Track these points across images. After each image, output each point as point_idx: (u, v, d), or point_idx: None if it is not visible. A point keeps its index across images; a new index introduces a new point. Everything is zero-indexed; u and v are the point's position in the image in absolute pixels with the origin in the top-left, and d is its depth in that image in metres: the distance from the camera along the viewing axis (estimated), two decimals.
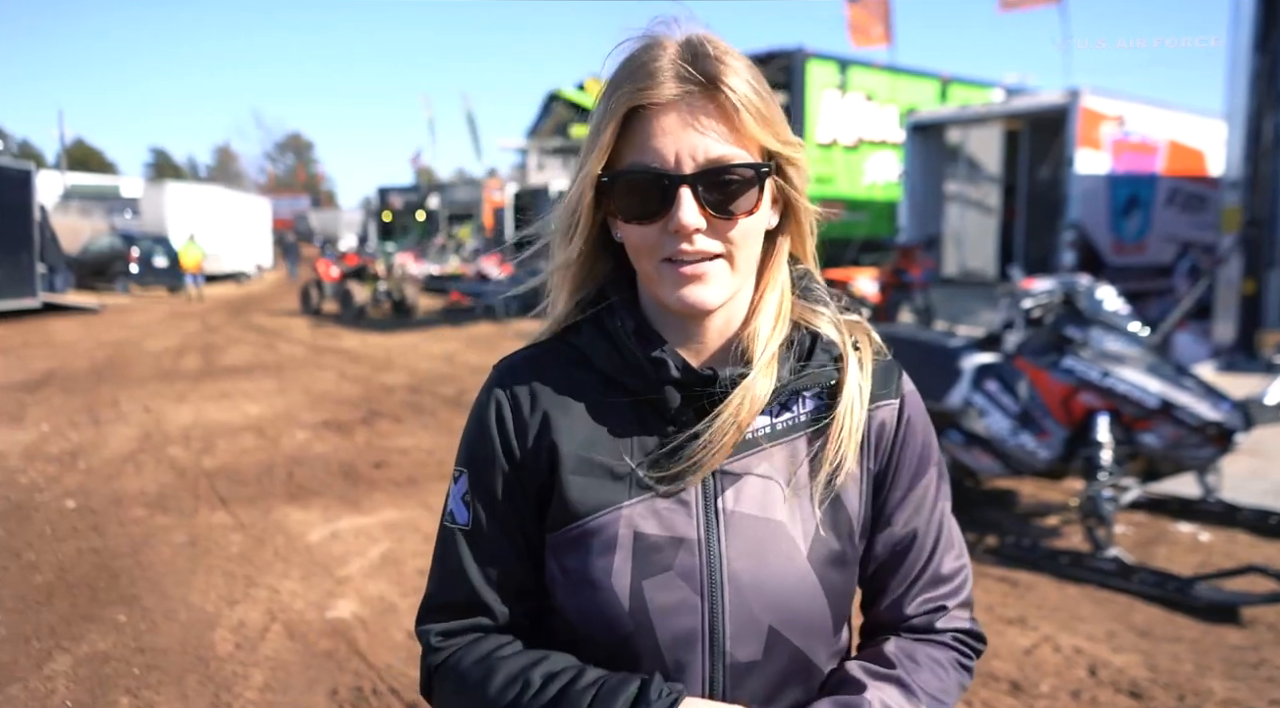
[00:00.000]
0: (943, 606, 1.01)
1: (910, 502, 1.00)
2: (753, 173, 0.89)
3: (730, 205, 0.88)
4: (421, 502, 5.67)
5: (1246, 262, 9.46)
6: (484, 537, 0.97)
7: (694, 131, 0.87)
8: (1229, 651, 3.57)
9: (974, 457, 4.97)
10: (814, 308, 0.99)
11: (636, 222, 0.89)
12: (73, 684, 3.40)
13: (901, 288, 11.95)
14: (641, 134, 0.88)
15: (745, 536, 0.92)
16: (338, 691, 3.37)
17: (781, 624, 0.92)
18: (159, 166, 72.52)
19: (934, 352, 5.41)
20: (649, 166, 0.87)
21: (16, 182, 17.11)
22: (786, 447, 0.96)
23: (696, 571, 0.91)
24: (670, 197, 0.87)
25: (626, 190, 0.89)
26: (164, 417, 8.24)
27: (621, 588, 0.91)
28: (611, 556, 0.92)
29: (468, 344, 13.49)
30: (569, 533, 0.94)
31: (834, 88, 15.44)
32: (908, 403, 1.02)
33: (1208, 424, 4.44)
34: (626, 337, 0.94)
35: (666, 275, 0.90)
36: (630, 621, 0.90)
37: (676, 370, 0.92)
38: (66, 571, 4.54)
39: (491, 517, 0.97)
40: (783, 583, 0.92)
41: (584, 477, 0.94)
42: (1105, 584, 4.21)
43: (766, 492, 0.94)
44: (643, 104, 0.87)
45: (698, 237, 0.88)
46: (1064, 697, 3.26)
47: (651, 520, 0.92)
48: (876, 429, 0.99)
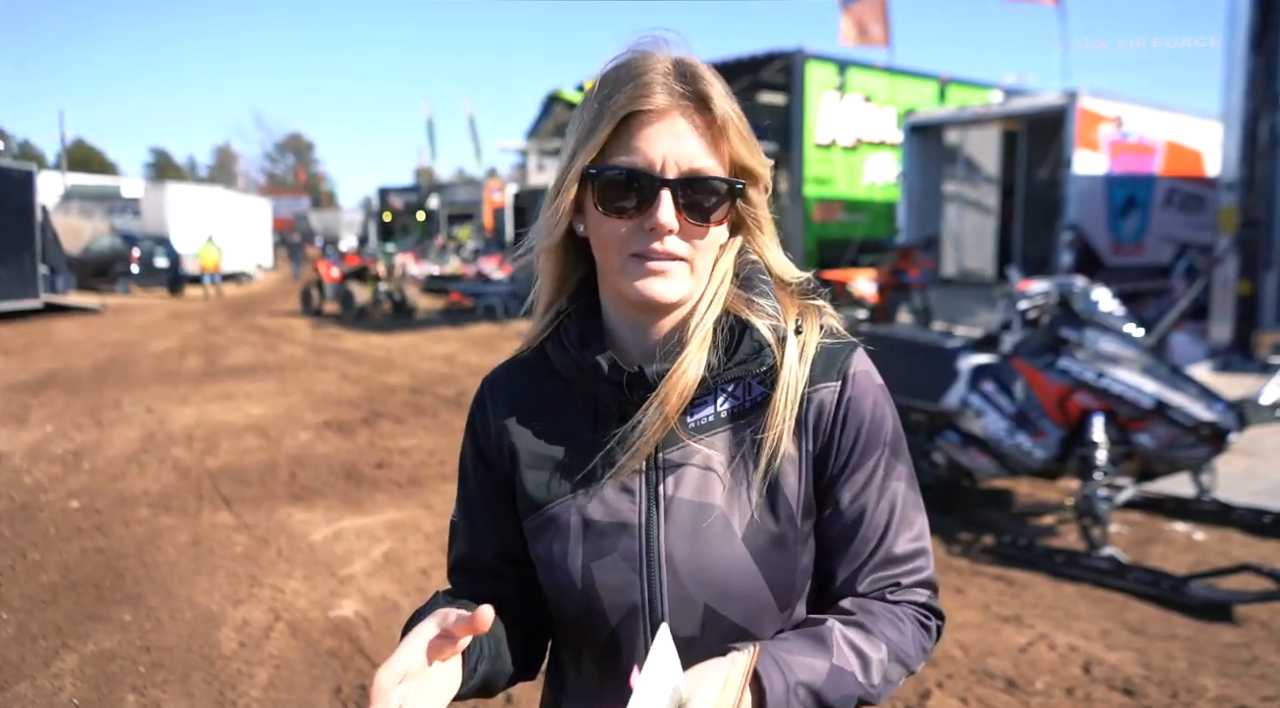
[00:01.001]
0: (896, 583, 1.01)
1: (855, 481, 1.01)
2: (727, 187, 0.97)
3: (703, 213, 0.96)
4: (423, 502, 5.71)
5: (1243, 262, 9.49)
6: (466, 522, 1.14)
7: (680, 141, 0.94)
8: (1222, 648, 3.61)
9: (971, 457, 5.01)
10: (749, 296, 1.02)
11: (614, 215, 0.96)
12: (79, 683, 3.45)
13: (900, 288, 11.98)
14: (631, 137, 0.94)
15: (682, 520, 0.98)
16: (341, 688, 3.42)
17: (716, 603, 0.97)
18: (159, 167, 72.51)
19: (931, 352, 5.46)
20: (636, 166, 0.94)
21: (18, 182, 17.15)
22: (728, 433, 1.01)
23: (636, 553, 0.99)
24: (651, 196, 0.94)
25: (611, 184, 0.95)
26: (167, 417, 8.28)
27: (574, 569, 1.00)
28: (566, 541, 1.01)
29: (468, 345, 13.54)
30: (532, 522, 1.05)
31: (833, 89, 15.46)
32: (852, 384, 1.03)
33: (1202, 424, 4.48)
34: (571, 344, 1.03)
35: (632, 269, 0.96)
36: (583, 598, 1.00)
37: (606, 369, 1.00)
38: (71, 570, 4.58)
39: (470, 506, 1.13)
40: (717, 564, 0.97)
41: (540, 471, 1.05)
42: (1101, 583, 4.25)
43: (705, 478, 0.99)
44: (638, 110, 0.94)
45: (669, 238, 0.95)
46: (1059, 694, 3.30)
47: (599, 508, 1.01)
48: (815, 411, 1.01)
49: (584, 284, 1.07)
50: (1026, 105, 13.03)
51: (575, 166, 0.97)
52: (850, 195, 16.12)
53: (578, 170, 0.97)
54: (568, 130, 1.02)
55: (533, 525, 1.05)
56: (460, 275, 21.36)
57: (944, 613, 1.06)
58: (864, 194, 16.35)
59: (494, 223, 30.49)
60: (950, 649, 3.64)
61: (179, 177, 62.32)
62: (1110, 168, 11.84)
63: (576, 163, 0.97)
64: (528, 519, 1.06)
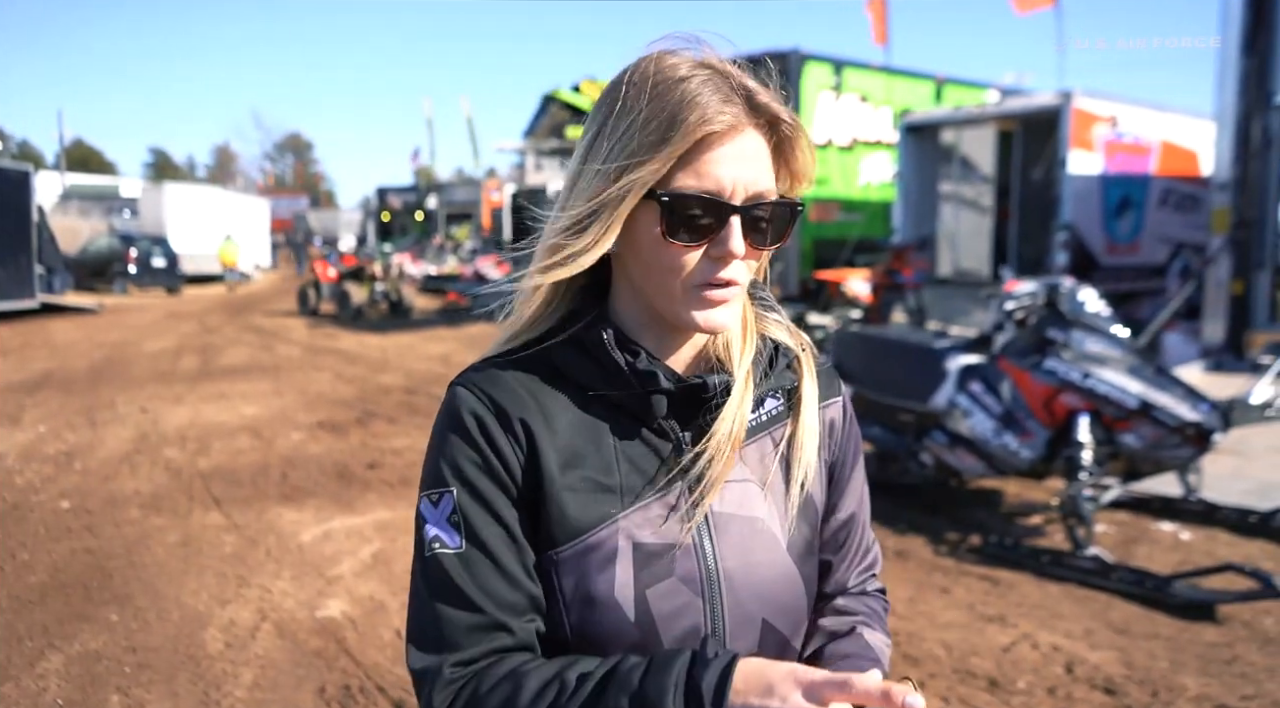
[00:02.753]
0: (873, 574, 1.14)
1: (851, 489, 1.10)
2: (788, 211, 0.94)
3: (766, 237, 0.93)
4: (413, 502, 5.67)
5: (1235, 263, 9.51)
6: (486, 553, 0.92)
7: (747, 163, 0.90)
8: (1204, 648, 3.62)
9: (958, 457, 5.03)
10: (769, 316, 1.05)
11: (683, 244, 0.89)
12: (64, 683, 3.46)
13: (894, 289, 11.99)
14: (699, 157, 0.88)
15: (733, 534, 0.97)
16: (325, 688, 3.43)
17: (771, 615, 0.98)
18: (158, 167, 72.50)
19: (920, 353, 5.48)
20: (708, 191, 0.88)
21: (15, 182, 17.14)
22: (755, 447, 1.01)
23: (696, 574, 0.94)
24: (720, 224, 0.89)
25: (683, 209, 0.88)
26: (161, 418, 8.29)
27: (626, 599, 0.91)
28: (613, 568, 0.92)
29: (464, 345, 13.54)
30: (566, 551, 0.92)
31: (829, 89, 15.46)
32: (846, 398, 1.12)
33: (1186, 425, 4.49)
34: (611, 348, 0.94)
35: (694, 298, 0.91)
36: (636, 630, 0.91)
37: (667, 381, 0.94)
38: (60, 570, 4.59)
39: (491, 532, 0.92)
40: (770, 576, 0.98)
41: (575, 492, 0.93)
42: (1085, 583, 4.26)
43: (745, 491, 0.99)
44: (713, 132, 0.87)
45: (734, 264, 0.91)
46: (1040, 693, 3.31)
47: (647, 529, 0.93)
48: (828, 425, 1.08)
49: (585, 291, 0.99)
50: (1022, 105, 13.03)
51: (633, 179, 0.87)
52: (846, 195, 16.12)
53: (640, 185, 0.87)
54: (593, 123, 0.93)
55: (564, 556, 0.92)
56: (458, 275, 21.34)
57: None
58: (860, 194, 16.36)
59: (492, 223, 30.48)
60: (933, 649, 3.65)
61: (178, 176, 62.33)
62: (1105, 168, 11.84)
63: (635, 176, 0.87)
64: (560, 549, 0.92)
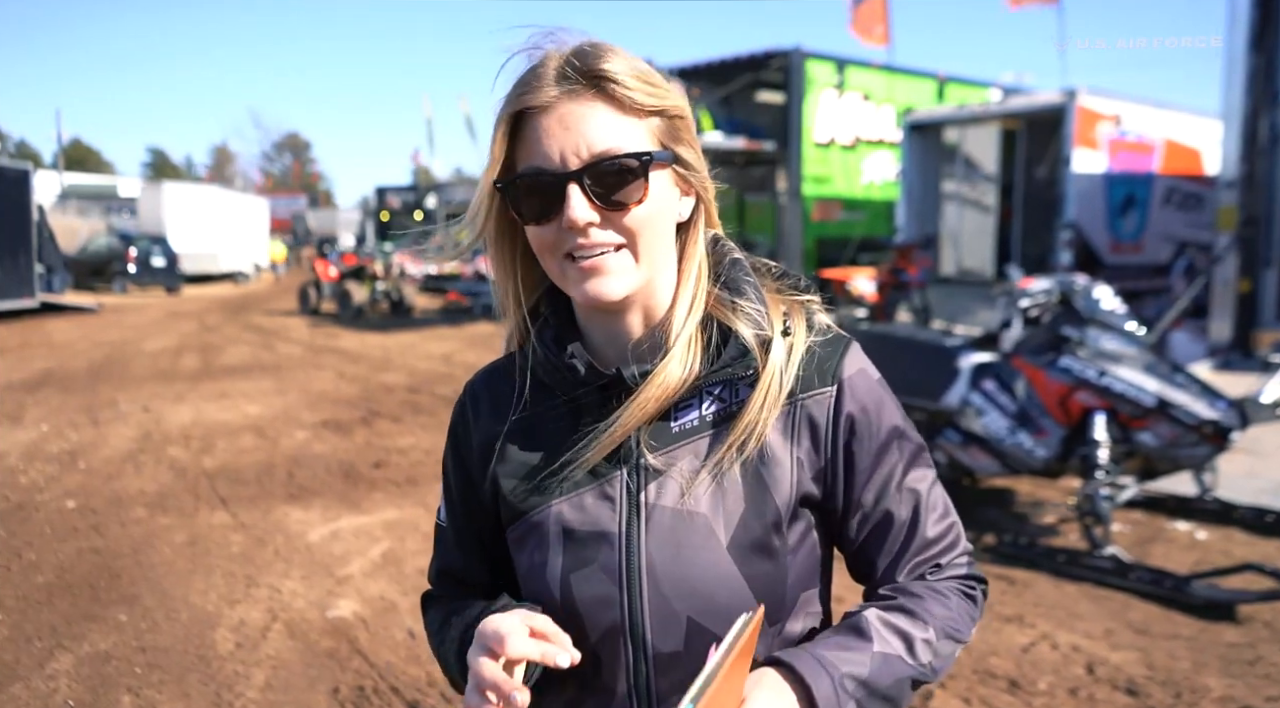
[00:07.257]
0: (936, 564, 1.01)
1: (875, 482, 0.99)
2: (636, 162, 0.90)
3: (617, 195, 0.90)
4: (421, 501, 5.68)
5: (1242, 261, 9.48)
6: (451, 525, 1.11)
7: (576, 128, 0.89)
8: (1225, 648, 3.59)
9: (972, 456, 4.99)
10: (733, 299, 0.98)
11: (535, 223, 0.93)
12: (75, 683, 3.42)
13: (899, 287, 11.98)
14: (529, 139, 0.91)
15: (664, 528, 0.94)
16: (339, 689, 3.39)
17: (701, 615, 0.92)
18: (157, 166, 72.32)
19: (931, 351, 5.44)
20: (537, 167, 0.91)
21: (14, 181, 17.08)
22: (713, 439, 0.97)
23: (616, 564, 0.94)
24: (559, 194, 0.90)
25: (522, 194, 0.92)
26: (163, 417, 8.24)
27: (553, 580, 0.96)
28: (546, 550, 0.98)
29: (466, 344, 13.50)
30: (514, 531, 1.02)
31: (831, 87, 15.45)
32: (850, 387, 0.99)
33: (1204, 423, 4.46)
34: (548, 347, 0.99)
35: (570, 272, 0.93)
36: (562, 612, 0.95)
37: (583, 371, 0.97)
38: (67, 570, 4.55)
39: (453, 511, 1.11)
40: (701, 574, 0.93)
41: (521, 479, 1.01)
42: (1103, 582, 4.23)
43: (689, 484, 0.95)
44: (526, 108, 0.91)
45: (592, 230, 0.91)
46: (1062, 694, 3.28)
47: (578, 516, 0.97)
48: (808, 418, 0.98)
49: (550, 290, 1.03)
50: (1025, 104, 13.02)
51: (485, 182, 0.95)
52: (849, 194, 16.11)
53: (487, 186, 0.95)
54: None
55: (515, 535, 1.02)
56: (458, 275, 21.30)
57: (985, 577, 1.07)
58: (863, 193, 16.35)
59: None
60: None
61: (176, 176, 62.18)
62: (1109, 166, 11.83)
63: (490, 174, 0.94)
64: (510, 528, 1.02)
